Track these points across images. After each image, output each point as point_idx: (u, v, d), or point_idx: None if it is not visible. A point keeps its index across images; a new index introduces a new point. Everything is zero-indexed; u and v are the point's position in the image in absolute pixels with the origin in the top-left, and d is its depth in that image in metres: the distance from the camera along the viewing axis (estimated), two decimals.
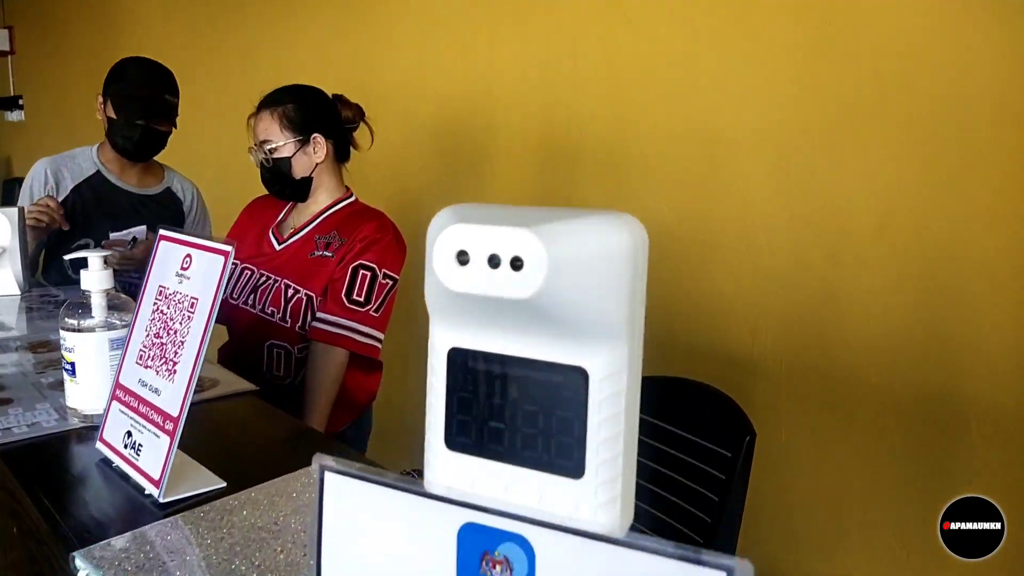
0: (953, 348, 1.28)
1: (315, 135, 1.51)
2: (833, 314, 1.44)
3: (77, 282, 0.97)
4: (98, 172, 1.83)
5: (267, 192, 1.61)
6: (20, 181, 6.51)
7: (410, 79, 2.26)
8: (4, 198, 6.63)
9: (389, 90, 2.28)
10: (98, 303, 0.87)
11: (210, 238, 0.75)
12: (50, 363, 1.09)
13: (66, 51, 5.57)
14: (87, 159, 1.85)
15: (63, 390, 0.88)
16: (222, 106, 3.14)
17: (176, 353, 0.71)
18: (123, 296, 0.89)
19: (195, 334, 0.70)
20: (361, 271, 1.46)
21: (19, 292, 1.54)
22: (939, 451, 1.31)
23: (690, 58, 1.65)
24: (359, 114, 1.60)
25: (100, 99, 1.79)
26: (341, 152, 1.58)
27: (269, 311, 1.54)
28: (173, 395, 0.69)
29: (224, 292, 1.67)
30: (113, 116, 1.75)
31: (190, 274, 0.73)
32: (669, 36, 1.66)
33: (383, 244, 1.48)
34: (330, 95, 1.58)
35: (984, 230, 1.24)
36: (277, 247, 1.60)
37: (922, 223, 1.31)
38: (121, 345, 0.86)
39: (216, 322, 0.69)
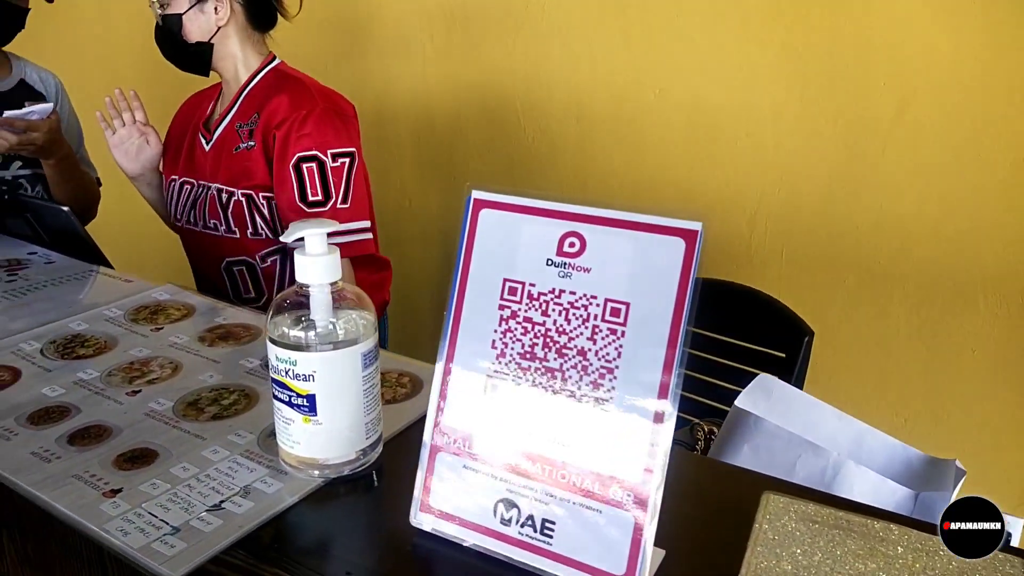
0: (965, 228, 1.32)
1: None
2: (842, 201, 1.46)
3: None
4: None
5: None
6: None
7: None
8: None
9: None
10: (323, 302, 0.57)
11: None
12: (137, 374, 0.74)
13: None
14: None
15: (226, 423, 0.59)
16: None
17: (596, 385, 0.47)
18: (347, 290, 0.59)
19: (638, 352, 0.46)
20: (304, 165, 1.17)
21: None
22: (944, 327, 1.39)
23: None
24: None
25: None
26: (259, 16, 1.24)
27: (212, 224, 1.25)
28: (612, 446, 0.46)
29: (169, 213, 1.31)
30: None
31: (586, 263, 0.48)
32: None
33: (314, 120, 1.17)
34: None
35: (1008, 112, 1.25)
36: (206, 147, 1.27)
37: (947, 104, 1.30)
38: (373, 358, 0.58)
39: None
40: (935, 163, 1.34)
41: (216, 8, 1.16)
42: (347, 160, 1.18)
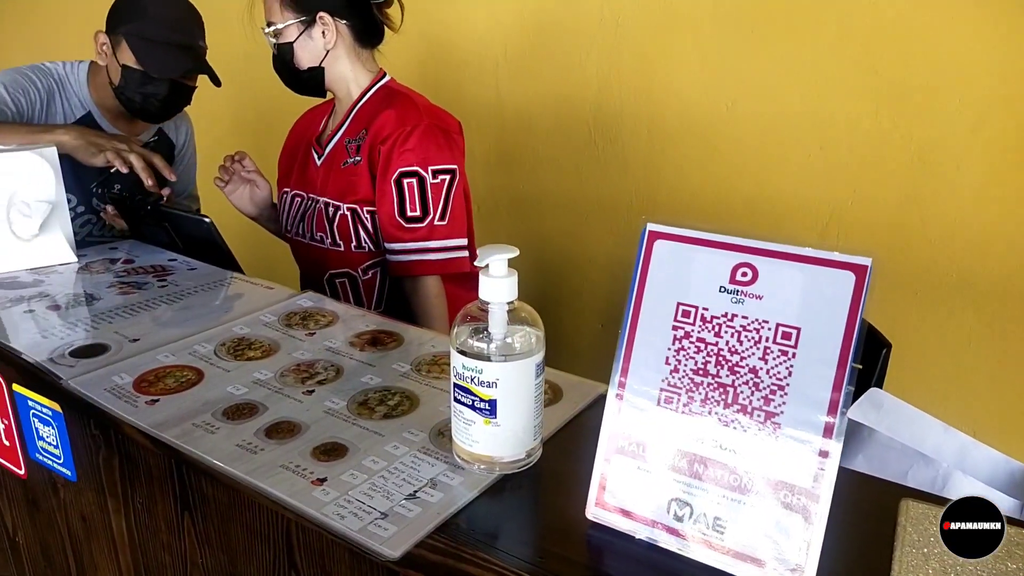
0: None
1: (321, 14, 1.23)
2: (915, 213, 1.49)
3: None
4: (89, 114, 1.41)
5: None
6: None
7: None
8: None
9: None
10: (502, 318, 0.65)
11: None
12: (307, 375, 0.82)
13: None
14: (80, 95, 1.39)
15: (394, 422, 0.66)
16: None
17: (768, 401, 0.54)
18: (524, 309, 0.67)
19: (808, 371, 0.53)
20: (405, 180, 1.23)
21: (75, 258, 1.16)
22: (1016, 337, 1.42)
23: None
24: None
25: (104, 37, 1.35)
26: (365, 34, 1.29)
27: (318, 237, 1.34)
28: (784, 454, 0.53)
29: (282, 225, 1.41)
30: (134, 66, 1.33)
31: (758, 290, 0.55)
32: None
33: (417, 136, 1.22)
34: None
35: None
36: (318, 162, 1.36)
37: (1021, 122, 1.33)
38: (542, 369, 0.66)
39: None
40: (1009, 179, 1.37)
41: (323, 32, 1.23)
42: (447, 177, 1.24)
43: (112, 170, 1.20)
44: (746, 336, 0.55)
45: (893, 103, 1.46)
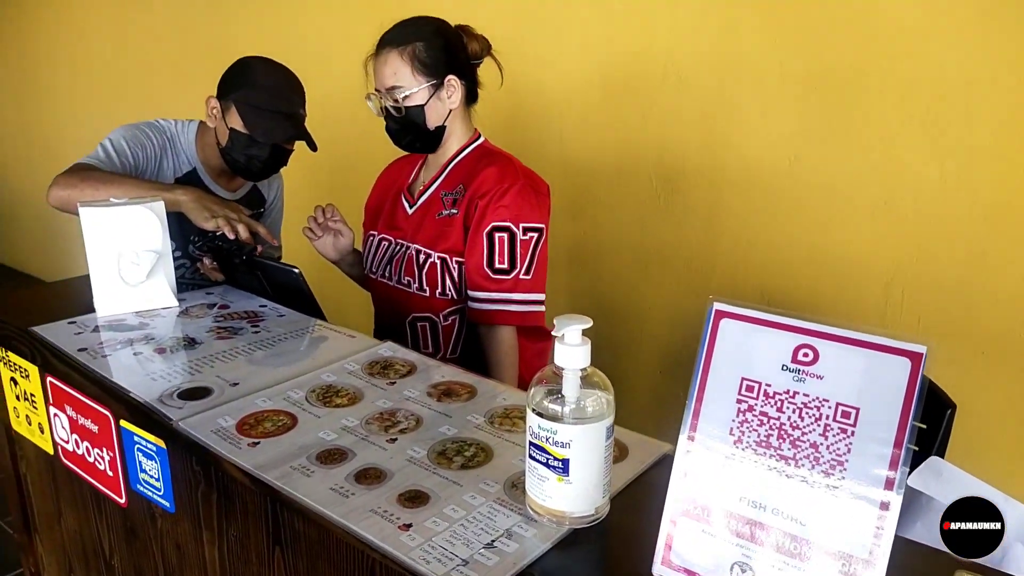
0: None
1: (450, 77, 1.33)
2: (981, 272, 1.48)
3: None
4: (194, 170, 1.54)
5: (395, 145, 1.42)
6: None
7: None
8: None
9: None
10: (576, 383, 0.70)
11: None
12: (390, 423, 0.89)
13: None
14: (188, 152, 1.53)
15: (461, 472, 0.71)
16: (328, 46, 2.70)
17: (827, 475, 0.58)
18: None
19: (867, 449, 0.57)
20: (496, 234, 1.31)
21: (176, 303, 1.27)
22: None
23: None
24: (486, 47, 1.40)
25: (215, 101, 1.48)
26: (471, 93, 1.40)
27: (405, 281, 1.41)
28: (842, 526, 0.56)
29: (364, 266, 1.49)
30: (241, 130, 1.45)
31: (819, 371, 0.59)
32: None
33: (513, 194, 1.31)
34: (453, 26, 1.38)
35: None
36: (409, 211, 1.44)
37: None
38: (612, 431, 0.71)
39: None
40: None
41: (450, 94, 1.33)
42: (536, 235, 1.32)
43: (217, 232, 1.31)
44: (807, 412, 0.59)
45: (959, 161, 1.47)
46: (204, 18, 3.16)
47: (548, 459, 0.70)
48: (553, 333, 0.70)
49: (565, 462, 0.69)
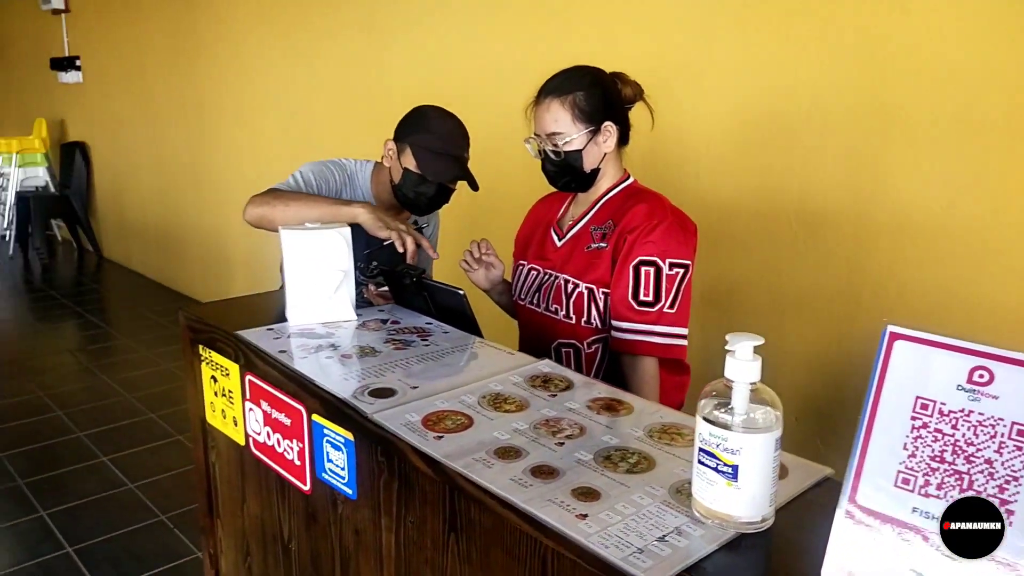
0: None
1: (606, 124, 1.42)
2: None
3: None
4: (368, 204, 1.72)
5: (550, 184, 1.52)
6: (79, 146, 6.33)
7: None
8: (63, 162, 6.43)
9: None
10: (745, 395, 0.76)
11: None
12: (556, 430, 0.97)
13: (129, 10, 5.30)
14: (363, 188, 1.72)
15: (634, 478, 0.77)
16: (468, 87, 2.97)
17: (1002, 490, 0.61)
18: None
19: None
20: (643, 268, 1.36)
21: (355, 317, 1.42)
22: None
23: (966, 40, 1.53)
24: (639, 92, 1.49)
25: (392, 144, 1.67)
26: (624, 136, 1.48)
27: (553, 308, 1.48)
28: (1017, 538, 0.59)
29: (513, 294, 1.59)
30: (414, 170, 1.63)
31: (995, 391, 0.63)
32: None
33: (661, 230, 1.37)
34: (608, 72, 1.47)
35: None
36: (558, 243, 1.53)
37: None
38: (779, 445, 0.76)
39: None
40: None
41: (606, 139, 1.44)
42: (682, 271, 1.38)
43: (386, 242, 1.47)
44: (982, 430, 0.63)
45: None
46: (360, 60, 3.46)
47: (717, 464, 0.75)
48: (726, 348, 0.76)
49: (735, 468, 0.75)
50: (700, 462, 0.77)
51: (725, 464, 0.75)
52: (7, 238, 6.51)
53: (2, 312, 5.15)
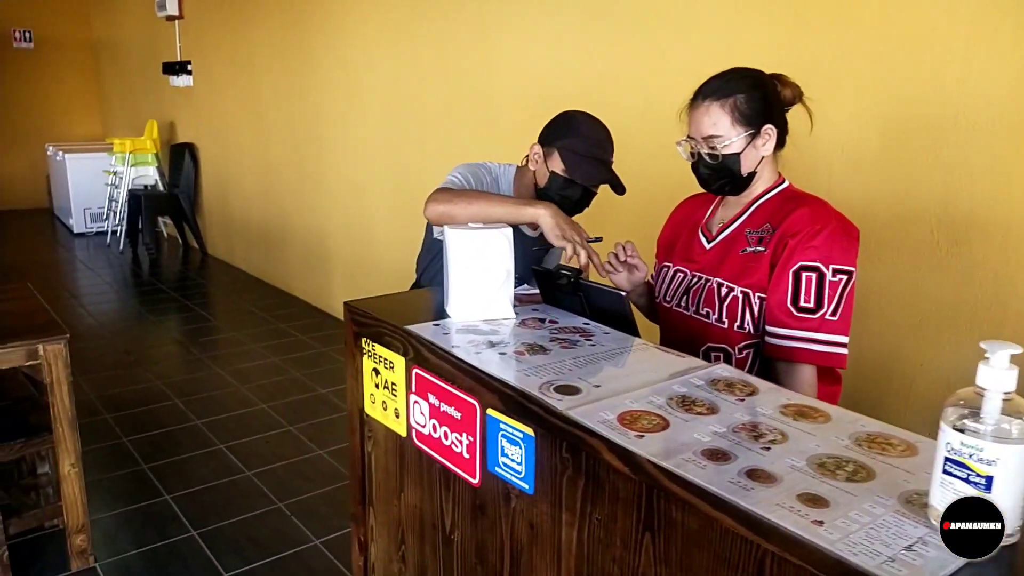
0: None
1: (766, 126, 1.40)
2: None
3: None
4: None
5: (701, 187, 1.50)
6: (187, 147, 6.69)
7: None
8: (172, 162, 6.76)
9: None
10: (997, 406, 0.74)
11: None
12: (756, 434, 0.96)
13: (239, 17, 5.53)
14: (506, 191, 1.76)
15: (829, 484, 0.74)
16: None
17: None
18: None
19: None
20: (804, 274, 1.33)
21: (514, 315, 1.44)
22: None
23: None
24: (798, 94, 1.45)
25: (538, 147, 1.70)
26: (781, 139, 1.45)
27: (703, 312, 1.46)
28: None
29: (656, 295, 1.58)
30: (561, 173, 1.65)
31: None
32: None
33: (824, 235, 1.34)
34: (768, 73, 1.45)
35: None
36: (707, 245, 1.50)
37: None
38: None
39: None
40: None
41: (764, 143, 1.42)
42: (845, 277, 1.35)
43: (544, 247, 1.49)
44: None
45: None
46: (467, 63, 3.51)
47: (969, 475, 0.73)
48: (985, 354, 0.74)
49: (989, 479, 0.72)
50: (946, 471, 0.75)
51: (978, 475, 0.73)
52: (118, 233, 6.90)
53: (115, 304, 5.46)
